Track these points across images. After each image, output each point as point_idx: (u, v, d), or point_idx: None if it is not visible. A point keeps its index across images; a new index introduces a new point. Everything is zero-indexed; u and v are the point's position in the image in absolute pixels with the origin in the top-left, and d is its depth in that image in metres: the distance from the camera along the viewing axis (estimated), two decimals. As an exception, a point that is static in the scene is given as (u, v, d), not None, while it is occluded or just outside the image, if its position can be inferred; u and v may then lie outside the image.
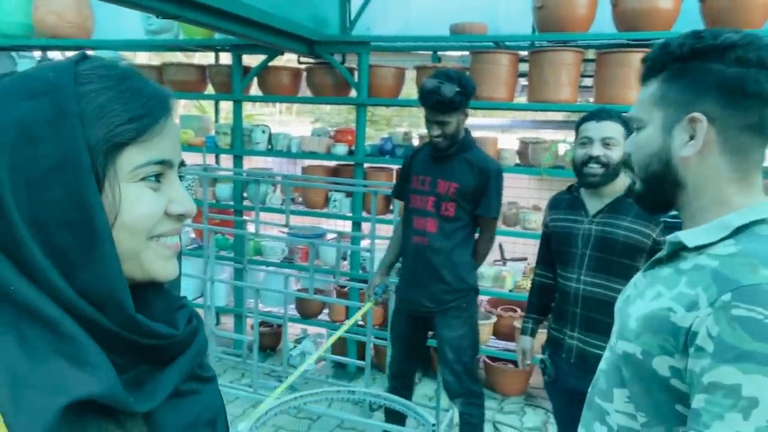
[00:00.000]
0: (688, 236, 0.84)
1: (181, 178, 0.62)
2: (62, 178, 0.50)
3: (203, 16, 2.50)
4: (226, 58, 4.26)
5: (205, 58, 4.52)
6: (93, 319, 0.51)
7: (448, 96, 2.16)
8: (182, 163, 0.62)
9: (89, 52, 0.59)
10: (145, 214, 0.56)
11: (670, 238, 0.87)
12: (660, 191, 0.89)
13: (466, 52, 3.70)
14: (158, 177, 0.58)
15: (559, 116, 4.80)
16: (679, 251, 0.86)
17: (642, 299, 0.87)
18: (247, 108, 6.45)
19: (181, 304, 0.64)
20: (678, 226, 0.94)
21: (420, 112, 2.57)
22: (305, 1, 3.40)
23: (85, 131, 0.52)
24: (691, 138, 0.83)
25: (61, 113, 0.51)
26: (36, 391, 0.47)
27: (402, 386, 2.55)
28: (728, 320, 0.71)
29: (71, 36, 3.96)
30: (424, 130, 4.25)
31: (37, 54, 4.56)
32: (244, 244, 3.72)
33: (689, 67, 0.83)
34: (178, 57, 5.10)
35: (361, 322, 3.69)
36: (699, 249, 0.82)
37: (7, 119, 0.51)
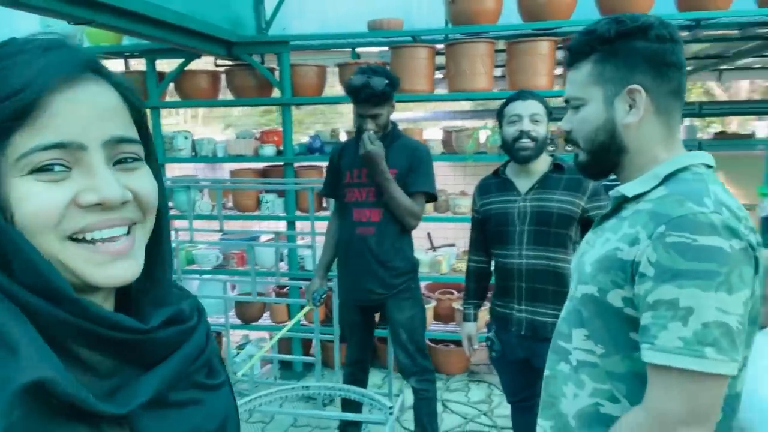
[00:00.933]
0: (627, 189, 0.97)
1: (125, 161, 0.52)
2: None
3: (119, 21, 2.41)
4: (137, 64, 4.10)
5: (115, 66, 4.31)
6: (47, 311, 0.46)
7: (378, 89, 2.24)
8: (121, 140, 0.51)
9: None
10: (34, 211, 0.47)
11: (612, 193, 1.01)
12: (606, 159, 1.02)
13: (385, 48, 3.80)
14: (64, 165, 0.48)
15: (477, 105, 5.04)
16: (621, 204, 1.00)
17: (593, 248, 1.00)
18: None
19: (170, 302, 0.57)
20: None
21: (333, 112, 2.62)
22: (220, 3, 3.35)
23: None
24: (631, 107, 0.97)
25: None
26: None
27: (360, 371, 2.61)
28: (664, 247, 0.84)
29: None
30: (348, 126, 4.31)
31: None
32: (174, 254, 3.61)
33: (617, 48, 0.96)
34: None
35: (304, 322, 3.71)
36: (636, 198, 0.96)
37: None
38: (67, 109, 0.48)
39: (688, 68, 6.29)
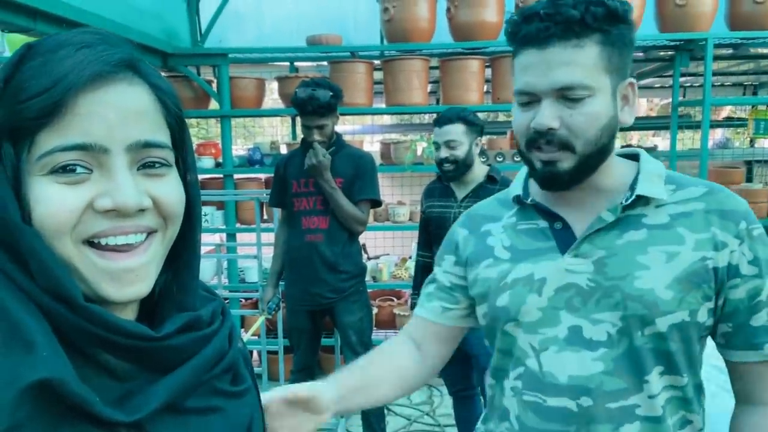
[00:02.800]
0: (649, 190, 0.83)
1: (151, 166, 0.50)
2: None
3: (57, 29, 2.35)
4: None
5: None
6: (61, 314, 0.46)
7: (324, 101, 2.34)
8: (148, 144, 0.49)
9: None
10: (49, 212, 0.46)
11: (626, 199, 0.83)
12: (594, 165, 0.83)
13: (324, 63, 3.89)
14: (85, 167, 0.47)
15: (414, 119, 5.23)
16: (627, 215, 0.84)
17: (650, 269, 0.81)
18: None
19: (193, 307, 0.55)
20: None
21: (256, 128, 2.62)
22: (154, 14, 3.31)
23: None
24: (624, 104, 0.84)
25: None
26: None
27: (308, 376, 2.65)
28: (756, 242, 0.81)
29: None
30: (287, 139, 4.34)
31: None
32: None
33: (620, 32, 0.80)
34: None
35: (243, 334, 3.68)
36: (648, 202, 0.84)
37: None
38: (92, 109, 0.46)
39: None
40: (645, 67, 4.32)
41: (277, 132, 6.73)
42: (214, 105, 3.68)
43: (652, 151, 5.83)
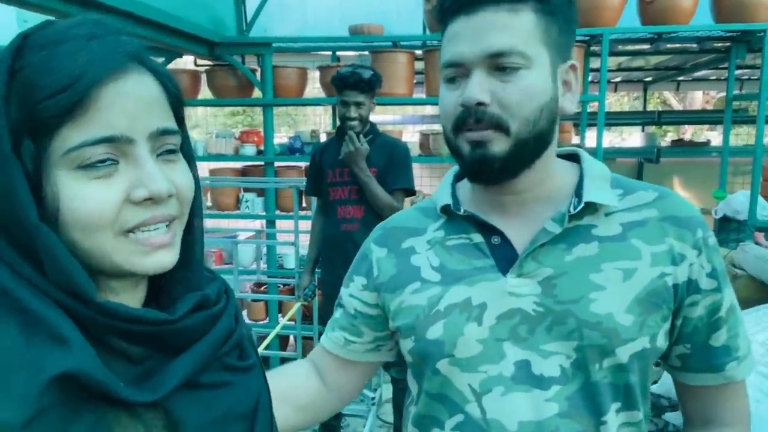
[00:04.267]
0: (597, 196, 0.72)
1: (168, 152, 0.52)
2: None
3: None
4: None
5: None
6: (76, 308, 0.47)
7: (366, 77, 2.38)
8: (165, 132, 0.51)
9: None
10: (88, 211, 0.47)
11: (573, 207, 0.72)
12: (531, 154, 0.71)
13: (365, 52, 3.90)
14: (114, 158, 0.48)
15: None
16: (573, 225, 0.72)
17: (606, 290, 0.69)
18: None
19: (198, 286, 0.57)
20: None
21: (300, 116, 2.65)
22: (202, 4, 3.38)
23: (9, 114, 0.45)
24: (564, 88, 0.73)
25: None
26: (19, 373, 0.43)
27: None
28: (713, 252, 0.72)
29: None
30: (327, 128, 4.38)
31: None
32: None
33: (562, 2, 0.71)
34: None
35: (281, 320, 3.76)
36: (596, 210, 0.73)
37: None
38: (114, 102, 0.47)
39: (648, 79, 6.67)
40: (700, 59, 4.15)
41: (321, 121, 6.80)
42: (257, 94, 3.74)
43: (704, 146, 5.60)
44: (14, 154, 0.46)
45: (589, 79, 4.26)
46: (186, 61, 3.91)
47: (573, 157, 0.81)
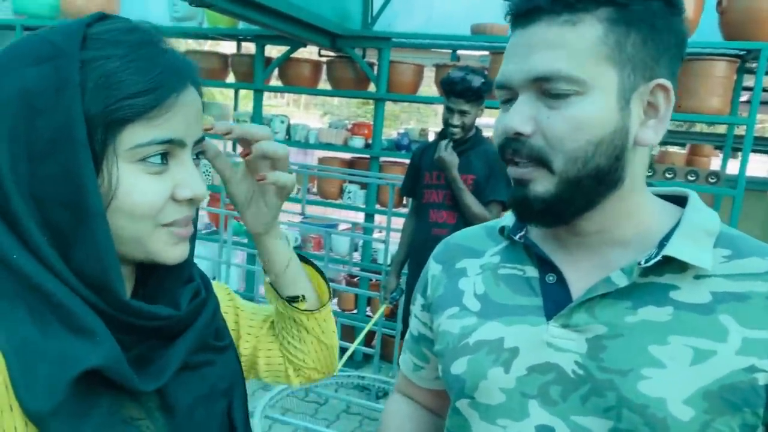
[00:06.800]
0: (682, 252, 0.57)
1: (198, 157, 0.58)
2: (58, 152, 0.48)
3: (235, 6, 2.58)
4: (248, 47, 4.33)
5: (228, 47, 4.60)
6: (88, 300, 0.50)
7: (474, 85, 2.26)
8: (201, 140, 0.57)
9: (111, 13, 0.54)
10: (143, 202, 0.51)
11: (646, 259, 0.59)
12: (589, 196, 0.60)
13: (485, 52, 3.77)
14: (165, 157, 0.53)
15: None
16: (641, 282, 0.60)
17: (666, 369, 0.56)
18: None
19: (190, 277, 0.61)
20: None
21: (426, 111, 2.61)
22: (330, -5, 3.47)
23: (85, 103, 0.48)
24: (647, 114, 0.60)
25: (63, 82, 0.47)
26: (46, 363, 0.46)
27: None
28: None
29: (97, 19, 4.05)
30: (437, 127, 4.31)
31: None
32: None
33: (654, 8, 0.58)
34: (201, 45, 5.18)
35: (368, 313, 3.79)
36: (684, 269, 0.59)
37: (10, 87, 0.48)
38: (181, 110, 0.52)
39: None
40: None
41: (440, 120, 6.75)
42: (373, 88, 3.77)
43: None
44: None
45: (742, 98, 3.75)
46: (311, 51, 4.04)
47: (681, 201, 0.66)
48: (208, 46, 5.25)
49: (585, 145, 0.57)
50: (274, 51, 3.96)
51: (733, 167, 3.38)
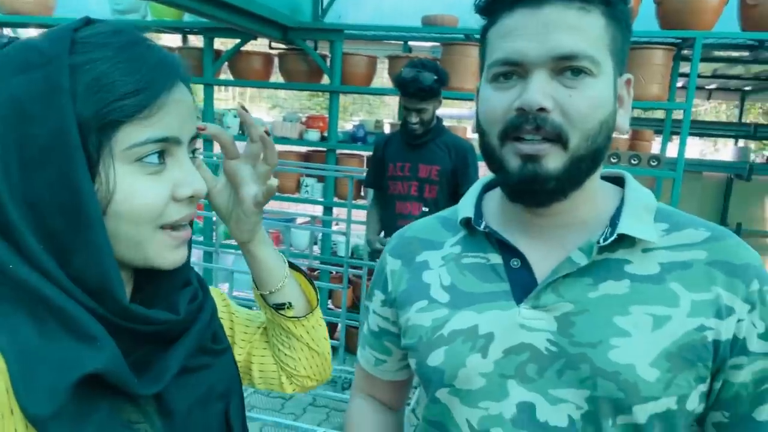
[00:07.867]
0: (633, 228, 0.63)
1: (194, 154, 0.58)
2: (53, 158, 0.47)
3: (184, -1, 2.51)
4: (194, 40, 4.22)
5: (172, 40, 4.46)
6: (87, 305, 0.49)
7: (427, 84, 2.28)
8: (195, 137, 0.57)
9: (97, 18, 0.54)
10: (143, 204, 0.51)
11: (603, 238, 0.63)
12: (584, 174, 0.63)
13: (437, 44, 3.81)
14: (162, 155, 0.52)
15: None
16: (602, 258, 0.64)
17: (631, 337, 0.61)
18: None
19: (187, 281, 0.61)
20: None
21: (376, 102, 2.64)
22: (280, -13, 3.42)
23: (76, 107, 0.48)
24: (618, 104, 0.65)
25: (53, 88, 0.47)
26: (47, 367, 0.46)
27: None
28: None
29: (30, 13, 3.85)
30: (392, 119, 4.35)
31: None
32: (212, 228, 3.73)
33: (623, 9, 0.63)
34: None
35: (330, 306, 3.79)
36: (633, 244, 0.64)
37: (0, 95, 0.48)
38: (173, 107, 0.52)
39: (747, 88, 6.13)
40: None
41: (395, 111, 6.79)
42: (327, 80, 3.75)
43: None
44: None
45: (678, 84, 3.96)
46: (261, 44, 3.98)
47: (618, 181, 0.71)
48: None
49: (597, 125, 0.61)
50: (220, 44, 3.87)
51: (671, 150, 3.56)
